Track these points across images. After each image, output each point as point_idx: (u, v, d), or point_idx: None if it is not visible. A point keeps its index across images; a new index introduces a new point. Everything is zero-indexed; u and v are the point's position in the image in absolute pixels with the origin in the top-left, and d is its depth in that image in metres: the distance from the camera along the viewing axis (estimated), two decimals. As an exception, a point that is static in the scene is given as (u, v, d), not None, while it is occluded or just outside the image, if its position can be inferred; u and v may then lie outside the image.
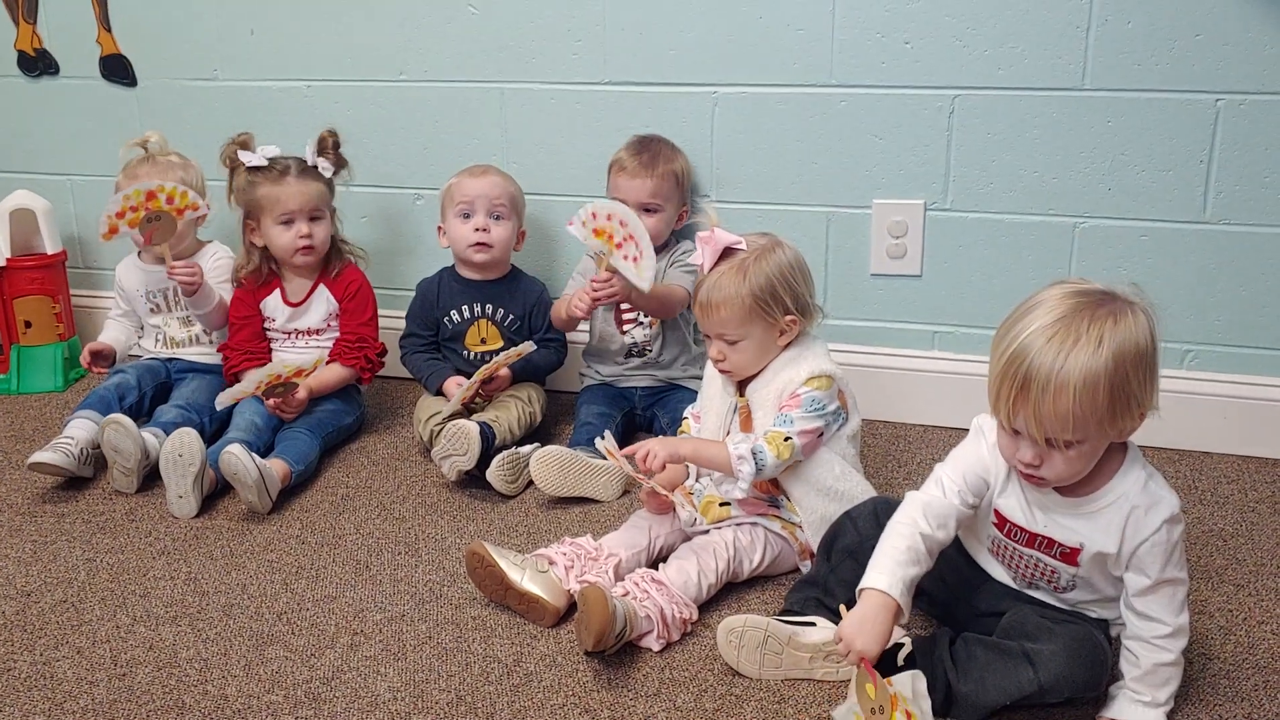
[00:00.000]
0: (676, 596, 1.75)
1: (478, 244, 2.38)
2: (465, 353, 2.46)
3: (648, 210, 2.35)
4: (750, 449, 1.80)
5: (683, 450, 1.87)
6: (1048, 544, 1.51)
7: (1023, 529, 1.52)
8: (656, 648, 1.70)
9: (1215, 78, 2.16)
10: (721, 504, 1.90)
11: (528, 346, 2.32)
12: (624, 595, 1.72)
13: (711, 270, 1.87)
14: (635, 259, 2.15)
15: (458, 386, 2.30)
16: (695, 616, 1.75)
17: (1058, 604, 1.57)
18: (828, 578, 1.66)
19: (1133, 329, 1.35)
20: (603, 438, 1.89)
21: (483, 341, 2.45)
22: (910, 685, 1.49)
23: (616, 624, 1.63)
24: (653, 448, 1.84)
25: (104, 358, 2.53)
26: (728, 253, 1.87)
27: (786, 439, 1.82)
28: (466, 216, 2.38)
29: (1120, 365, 1.33)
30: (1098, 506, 1.46)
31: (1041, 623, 1.50)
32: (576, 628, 1.68)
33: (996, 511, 1.55)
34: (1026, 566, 1.56)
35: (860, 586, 1.48)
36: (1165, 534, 1.43)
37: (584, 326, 2.48)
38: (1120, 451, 1.47)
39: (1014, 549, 1.56)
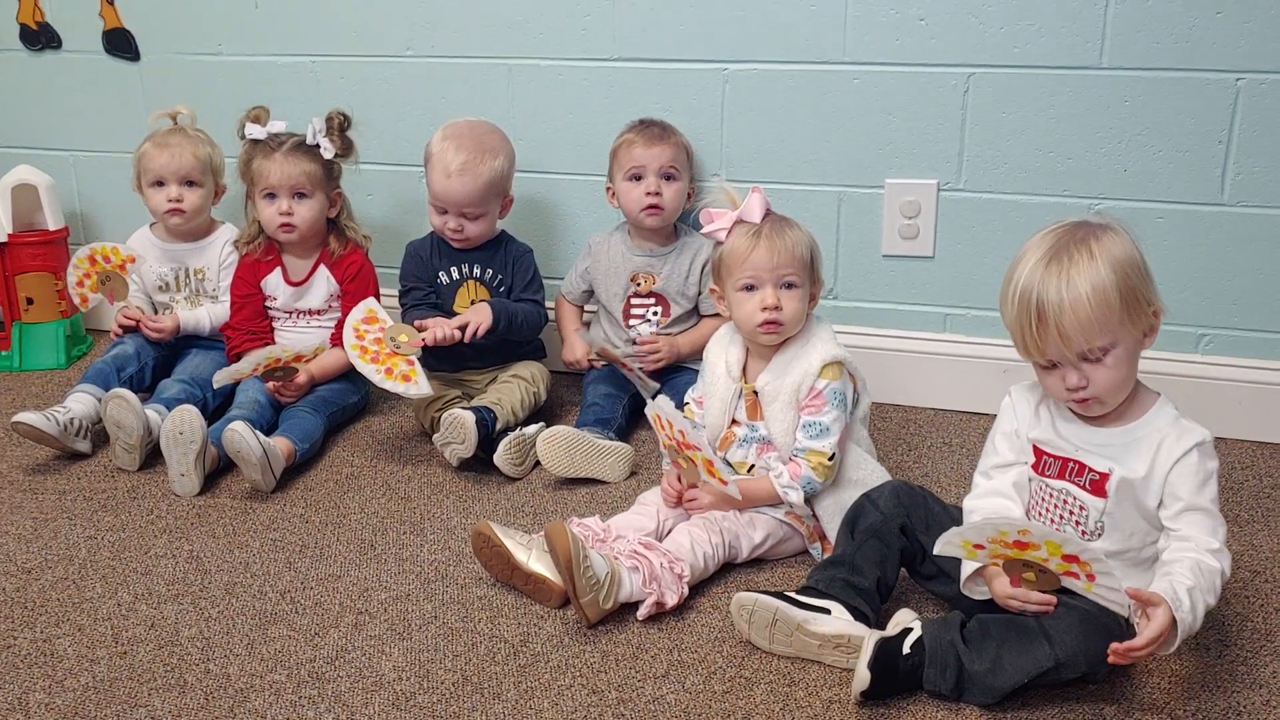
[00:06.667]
0: (664, 551, 1.74)
1: (453, 238, 2.36)
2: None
3: (668, 178, 2.33)
4: (800, 482, 1.83)
5: (731, 493, 1.86)
6: (1078, 470, 1.54)
7: (1055, 456, 1.57)
8: (646, 610, 1.68)
9: (1236, 56, 2.12)
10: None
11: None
12: (613, 557, 1.71)
13: (763, 220, 1.85)
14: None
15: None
16: (688, 574, 1.73)
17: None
18: (854, 556, 1.64)
19: (1116, 240, 1.48)
20: (654, 399, 1.86)
21: (473, 304, 2.38)
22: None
23: (586, 559, 1.64)
24: (701, 502, 1.86)
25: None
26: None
27: (831, 458, 1.83)
28: (443, 212, 2.34)
29: (1117, 268, 1.45)
30: (1130, 438, 1.53)
31: (1058, 597, 1.48)
32: (573, 601, 1.67)
33: (1033, 446, 1.60)
34: (1055, 508, 1.57)
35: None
36: (1196, 458, 1.48)
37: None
38: (1153, 395, 1.55)
39: (1045, 487, 1.58)
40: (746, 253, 1.84)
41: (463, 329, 2.26)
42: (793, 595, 1.61)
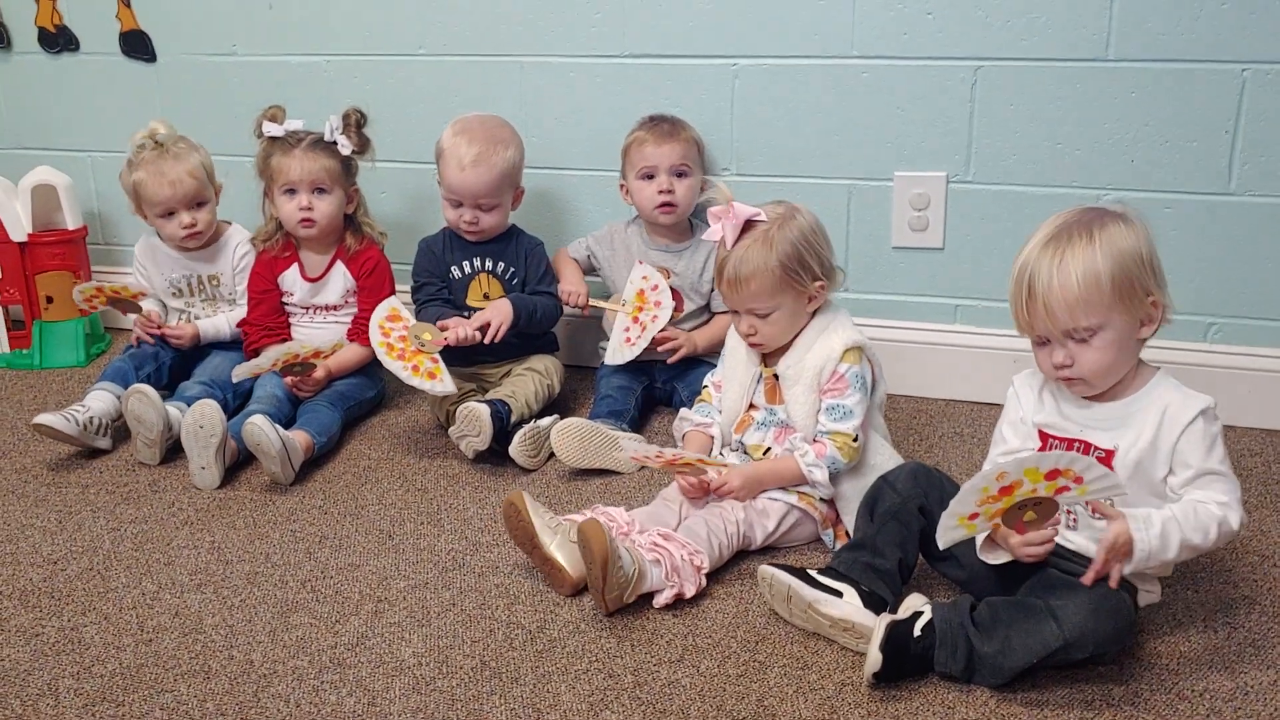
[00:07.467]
0: (685, 543, 1.76)
1: (468, 231, 2.39)
2: (467, 314, 2.40)
3: (679, 175, 2.35)
4: (825, 461, 1.86)
5: (762, 475, 1.88)
6: (1084, 450, 1.55)
7: (1060, 438, 1.59)
8: (665, 600, 1.71)
9: (1242, 47, 2.14)
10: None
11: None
12: (635, 548, 1.73)
13: (735, 244, 1.86)
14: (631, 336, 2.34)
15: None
16: (706, 565, 1.76)
17: (1093, 545, 1.56)
18: (875, 539, 1.66)
19: (1123, 229, 1.50)
20: (630, 445, 1.89)
21: (485, 298, 2.41)
22: None
23: (619, 559, 1.65)
24: (732, 484, 1.85)
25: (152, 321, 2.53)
26: (748, 225, 1.88)
27: (855, 439, 1.86)
28: (457, 205, 2.37)
29: (1113, 254, 1.47)
30: (1132, 410, 1.55)
31: (1065, 579, 1.51)
32: (592, 589, 1.69)
33: (1039, 431, 1.61)
34: None
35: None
36: (1202, 424, 1.50)
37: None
38: (1151, 370, 1.58)
39: None
40: (720, 283, 1.91)
41: (483, 329, 2.29)
42: (811, 574, 1.64)
